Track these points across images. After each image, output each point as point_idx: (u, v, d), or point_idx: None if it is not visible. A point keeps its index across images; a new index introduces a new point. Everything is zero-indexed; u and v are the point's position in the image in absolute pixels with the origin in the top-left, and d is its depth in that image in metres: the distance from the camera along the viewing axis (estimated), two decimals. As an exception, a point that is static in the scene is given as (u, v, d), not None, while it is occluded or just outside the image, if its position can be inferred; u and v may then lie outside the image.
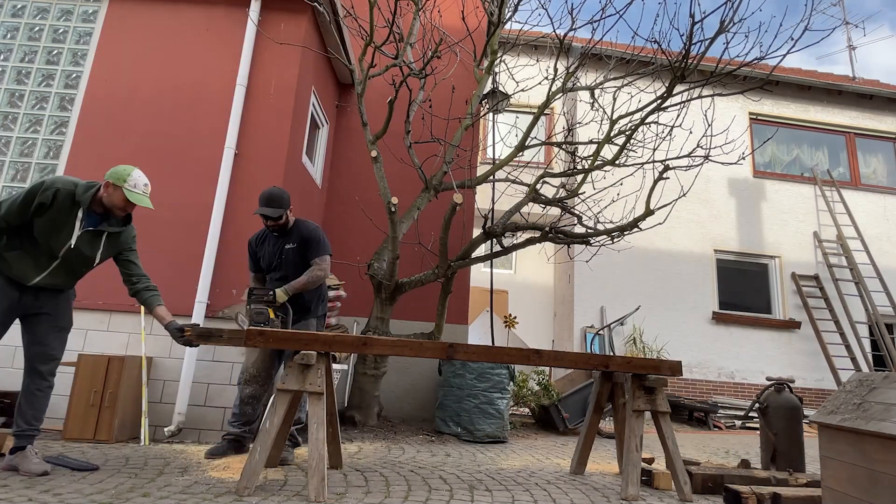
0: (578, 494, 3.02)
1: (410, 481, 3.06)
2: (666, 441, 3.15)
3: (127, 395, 3.82)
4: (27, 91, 4.66)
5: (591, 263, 6.54)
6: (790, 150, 10.05)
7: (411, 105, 4.88)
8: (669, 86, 4.74)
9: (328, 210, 6.35)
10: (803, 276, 9.06)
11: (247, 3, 4.70)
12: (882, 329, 8.56)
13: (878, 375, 2.53)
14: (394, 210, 4.42)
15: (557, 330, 9.54)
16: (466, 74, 5.90)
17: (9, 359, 4.07)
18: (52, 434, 3.81)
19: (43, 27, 4.80)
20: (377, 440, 4.41)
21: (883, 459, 2.14)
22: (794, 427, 3.57)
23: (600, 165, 5.10)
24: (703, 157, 5.15)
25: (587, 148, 5.81)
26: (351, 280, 5.46)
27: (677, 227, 8.38)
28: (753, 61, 4.42)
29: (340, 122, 6.59)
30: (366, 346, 2.92)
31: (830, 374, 8.41)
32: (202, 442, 3.96)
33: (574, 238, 5.44)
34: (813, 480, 3.08)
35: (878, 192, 9.90)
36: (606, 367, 3.24)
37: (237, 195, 4.42)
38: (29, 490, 2.47)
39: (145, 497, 2.47)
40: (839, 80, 10.29)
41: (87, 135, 4.51)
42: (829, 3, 12.10)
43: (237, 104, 4.52)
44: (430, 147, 5.46)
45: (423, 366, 5.92)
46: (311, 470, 2.62)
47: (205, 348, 4.13)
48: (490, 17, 4.82)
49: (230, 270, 4.28)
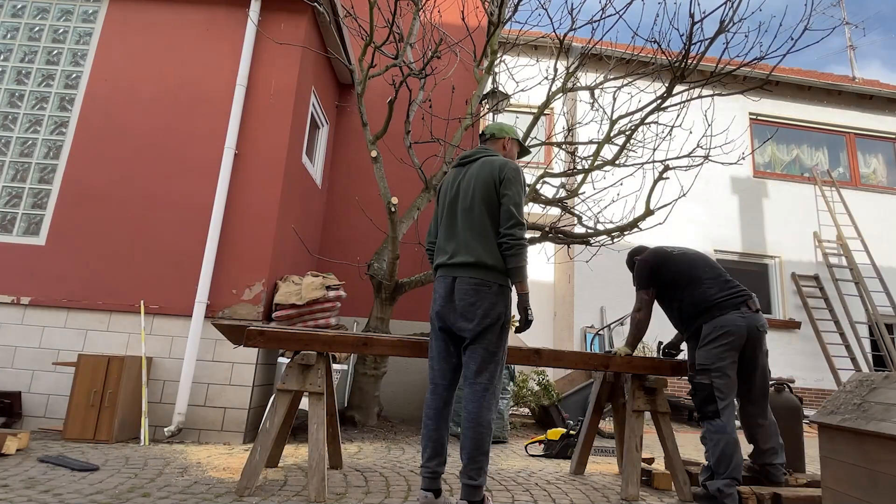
0: (578, 494, 3.02)
1: (410, 481, 3.07)
2: (666, 441, 3.15)
3: (127, 396, 3.82)
4: (27, 91, 4.66)
5: (591, 263, 6.54)
6: (790, 150, 10.05)
7: (411, 105, 4.88)
8: (669, 86, 4.74)
9: (328, 210, 6.35)
10: (803, 277, 9.06)
11: (247, 3, 4.71)
12: (882, 329, 8.55)
13: (878, 375, 2.53)
14: (394, 210, 4.42)
15: (557, 330, 9.53)
16: (466, 74, 5.91)
17: (9, 359, 4.07)
18: (52, 434, 3.81)
19: (43, 27, 4.80)
20: (377, 440, 4.41)
21: (883, 459, 2.14)
22: (794, 427, 3.56)
23: (600, 165, 5.10)
24: (703, 157, 5.15)
25: (587, 148, 5.81)
26: (351, 280, 5.46)
27: (677, 227, 8.37)
28: (753, 61, 4.43)
29: (340, 122, 6.59)
30: (366, 346, 2.92)
31: (830, 374, 8.41)
32: (202, 442, 3.97)
33: (574, 238, 5.44)
34: (813, 480, 3.08)
35: (878, 192, 9.90)
36: (607, 367, 3.24)
37: (237, 195, 4.42)
38: (29, 490, 2.48)
39: (145, 497, 2.47)
40: (839, 80, 10.29)
41: (87, 135, 4.51)
42: (830, 3, 12.11)
43: (237, 104, 4.52)
44: (430, 147, 5.46)
45: (423, 366, 5.92)
46: (311, 470, 2.63)
47: (205, 348, 4.13)
48: (490, 17, 4.82)
49: (230, 271, 4.29)
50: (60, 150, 4.52)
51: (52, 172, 4.48)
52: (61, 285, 4.20)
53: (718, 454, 2.82)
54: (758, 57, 4.40)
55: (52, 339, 4.13)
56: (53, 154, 4.53)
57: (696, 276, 3.15)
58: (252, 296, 4.28)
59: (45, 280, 4.21)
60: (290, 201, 4.82)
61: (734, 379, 2.96)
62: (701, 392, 2.97)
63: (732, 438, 2.83)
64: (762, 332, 3.00)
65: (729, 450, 2.81)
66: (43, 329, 4.14)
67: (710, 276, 3.14)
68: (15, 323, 4.15)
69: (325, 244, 6.17)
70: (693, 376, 3.05)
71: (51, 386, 4.04)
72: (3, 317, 4.14)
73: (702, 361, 2.99)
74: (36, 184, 4.47)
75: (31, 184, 4.47)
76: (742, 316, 2.97)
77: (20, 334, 4.12)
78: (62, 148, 4.52)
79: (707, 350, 2.98)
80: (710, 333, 2.99)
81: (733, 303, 3.00)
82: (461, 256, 2.58)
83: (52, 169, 4.49)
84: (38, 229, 4.37)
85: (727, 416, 2.88)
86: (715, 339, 2.97)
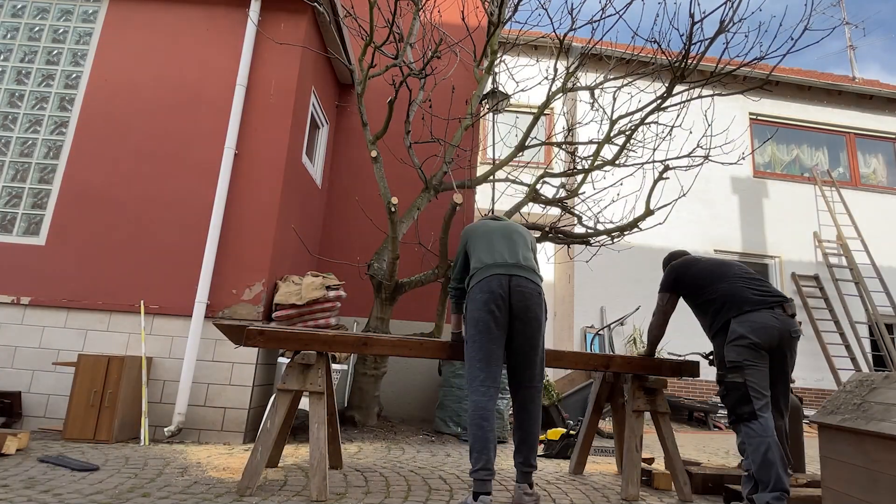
0: (578, 494, 3.02)
1: (410, 481, 3.07)
2: (666, 441, 3.15)
3: (127, 396, 3.82)
4: (27, 91, 4.66)
5: (591, 263, 6.54)
6: (790, 150, 10.05)
7: (411, 105, 4.88)
8: (669, 86, 4.74)
9: (328, 210, 6.35)
10: (803, 277, 9.06)
11: (247, 3, 4.71)
12: (882, 329, 8.56)
13: (878, 375, 2.53)
14: (394, 210, 4.42)
15: (557, 330, 9.53)
16: (466, 74, 5.91)
17: (9, 359, 4.07)
18: (52, 434, 3.81)
19: (43, 27, 4.80)
20: (377, 440, 4.41)
21: (883, 459, 2.14)
22: (794, 427, 3.57)
23: (600, 165, 5.10)
24: (703, 157, 5.15)
25: (587, 148, 5.81)
26: (351, 280, 5.46)
27: (677, 227, 8.36)
28: (753, 61, 4.43)
29: (340, 122, 6.59)
30: (366, 346, 2.92)
31: (830, 374, 8.41)
32: (202, 442, 3.97)
33: (574, 238, 5.44)
34: (813, 480, 3.08)
35: (878, 192, 9.90)
36: (607, 367, 3.24)
37: (237, 195, 4.42)
38: (29, 490, 2.48)
39: (145, 497, 2.47)
40: (839, 80, 10.29)
41: (87, 135, 4.51)
42: (830, 3, 12.11)
43: (237, 104, 4.52)
44: (430, 147, 5.46)
45: (423, 366, 5.92)
46: (312, 469, 2.63)
47: (205, 348, 4.13)
48: (490, 17, 4.82)
49: (230, 270, 4.29)
50: (60, 150, 4.52)
51: (52, 172, 4.48)
52: (61, 285, 4.20)
53: (760, 460, 2.55)
54: (758, 57, 4.40)
55: (52, 339, 4.13)
56: (53, 154, 4.53)
57: (728, 273, 3.00)
58: (252, 296, 4.28)
59: (45, 280, 4.21)
60: (290, 201, 4.82)
61: (768, 377, 2.73)
62: (734, 392, 2.70)
63: (775, 442, 2.58)
64: (794, 338, 2.81)
65: (773, 455, 2.54)
66: (43, 329, 4.14)
67: (742, 273, 2.99)
68: (15, 323, 4.15)
69: (325, 244, 6.17)
70: (724, 375, 2.78)
71: (51, 386, 4.04)
72: (3, 317, 4.14)
73: (733, 358, 2.74)
74: (36, 184, 4.47)
75: (31, 184, 4.47)
76: (775, 317, 2.76)
77: (20, 334, 4.13)
78: (62, 148, 4.52)
79: (738, 347, 2.74)
80: (740, 329, 2.76)
81: (767, 302, 2.81)
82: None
83: (52, 169, 4.49)
84: (38, 229, 4.37)
85: (766, 417, 2.63)
86: (744, 335, 2.74)
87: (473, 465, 2.51)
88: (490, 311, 2.60)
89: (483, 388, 2.59)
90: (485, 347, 2.61)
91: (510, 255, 2.75)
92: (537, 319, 2.67)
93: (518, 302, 2.62)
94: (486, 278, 2.66)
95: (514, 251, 2.78)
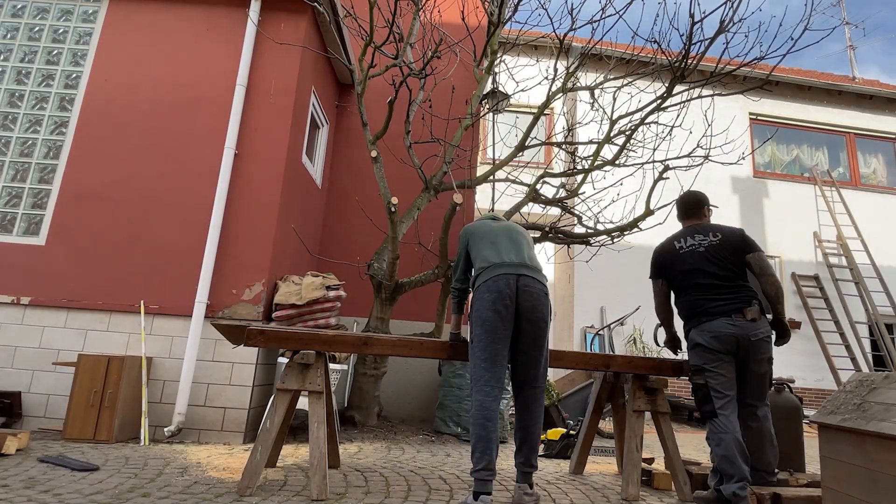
0: (578, 494, 3.02)
1: (410, 481, 3.07)
2: (666, 441, 3.15)
3: (127, 396, 3.82)
4: (27, 91, 4.66)
5: (591, 263, 6.54)
6: (790, 150, 10.05)
7: (411, 105, 4.87)
8: (669, 86, 4.74)
9: (328, 210, 6.35)
10: (803, 276, 9.06)
11: (247, 3, 4.71)
12: (882, 329, 8.56)
13: (878, 375, 2.53)
14: (394, 210, 4.42)
15: (557, 330, 9.53)
16: (466, 74, 5.91)
17: (9, 359, 4.07)
18: (52, 434, 3.81)
19: (43, 27, 4.80)
20: (377, 440, 4.41)
21: (883, 459, 2.14)
22: (794, 427, 3.56)
23: (600, 165, 5.10)
24: (703, 157, 5.15)
25: (587, 148, 5.81)
26: (351, 280, 5.46)
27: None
28: (753, 61, 4.43)
29: (340, 122, 6.59)
30: (366, 345, 2.92)
31: (830, 374, 8.41)
32: (202, 442, 3.97)
33: (574, 238, 5.44)
34: (813, 480, 3.08)
35: (878, 192, 9.90)
36: (607, 367, 3.24)
37: (237, 195, 4.42)
38: (29, 490, 2.48)
39: (145, 497, 2.47)
40: (839, 80, 10.29)
41: (87, 135, 4.51)
42: (830, 3, 12.12)
43: (237, 104, 4.51)
44: (430, 147, 5.46)
45: (423, 366, 5.92)
46: (312, 467, 2.63)
47: (205, 348, 4.13)
48: (490, 17, 4.82)
49: (230, 270, 4.28)
50: (60, 150, 4.52)
51: (52, 172, 4.48)
52: (61, 285, 4.20)
53: (721, 454, 2.77)
54: (758, 57, 4.40)
55: (52, 339, 4.13)
56: (53, 154, 4.53)
57: (691, 283, 3.09)
58: (252, 296, 4.28)
59: (45, 280, 4.21)
60: (290, 201, 4.82)
61: (731, 378, 2.93)
62: (698, 392, 2.97)
63: (734, 437, 2.77)
64: (754, 341, 2.89)
65: (731, 449, 2.73)
66: (43, 329, 4.14)
67: (706, 283, 3.04)
68: (15, 323, 4.15)
69: (325, 244, 6.17)
70: (690, 377, 3.08)
71: (51, 386, 4.04)
72: (3, 317, 4.14)
73: (694, 362, 3.01)
74: (36, 184, 4.47)
75: (31, 184, 4.47)
76: (732, 323, 2.90)
77: (20, 334, 4.13)
78: (62, 148, 4.52)
79: (697, 352, 3.00)
80: (698, 338, 2.99)
81: (724, 310, 2.95)
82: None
83: (52, 169, 4.49)
84: (38, 229, 4.37)
85: (726, 415, 2.83)
86: (700, 343, 2.97)
87: (475, 465, 2.51)
88: (497, 310, 2.60)
89: (487, 387, 2.59)
90: (490, 347, 2.61)
91: (516, 255, 2.77)
92: (544, 320, 2.69)
93: (525, 302, 2.64)
94: (494, 278, 2.67)
95: (519, 251, 2.81)
